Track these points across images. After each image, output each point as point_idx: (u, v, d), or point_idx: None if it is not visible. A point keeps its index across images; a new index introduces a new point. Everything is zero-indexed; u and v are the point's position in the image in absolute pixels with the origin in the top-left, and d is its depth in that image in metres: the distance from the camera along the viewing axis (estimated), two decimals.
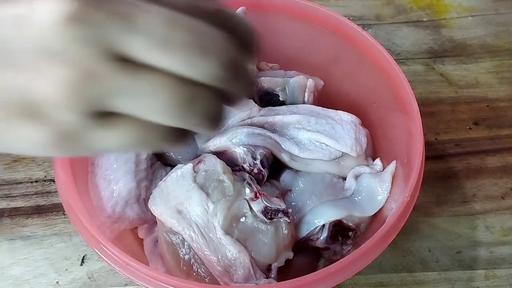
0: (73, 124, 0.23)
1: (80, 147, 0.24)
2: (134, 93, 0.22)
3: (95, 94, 0.22)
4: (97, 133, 0.23)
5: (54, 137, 0.23)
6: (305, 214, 0.46)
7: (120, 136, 0.24)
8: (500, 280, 0.52)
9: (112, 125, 0.23)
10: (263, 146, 0.47)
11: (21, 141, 0.24)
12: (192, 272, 0.43)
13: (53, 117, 0.23)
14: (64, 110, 0.23)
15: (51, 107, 0.23)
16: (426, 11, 0.74)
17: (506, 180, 0.59)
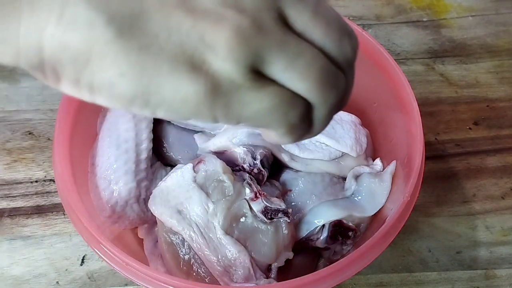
0: (231, 78, 0.23)
1: (228, 107, 0.24)
2: (294, 55, 0.24)
3: (260, 47, 0.23)
4: (247, 94, 0.24)
5: (209, 91, 0.23)
6: (305, 214, 0.46)
7: (265, 101, 0.24)
8: (500, 280, 0.52)
9: (261, 88, 0.24)
10: (263, 146, 0.47)
11: (174, 92, 0.23)
12: (192, 272, 0.43)
13: (215, 68, 0.23)
14: (229, 59, 0.23)
15: (218, 56, 0.23)
16: (426, 11, 0.74)
17: (506, 180, 0.59)
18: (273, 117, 0.25)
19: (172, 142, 0.50)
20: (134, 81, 0.23)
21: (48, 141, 0.60)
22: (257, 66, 0.24)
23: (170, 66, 0.23)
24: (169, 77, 0.23)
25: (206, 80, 0.23)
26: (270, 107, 0.24)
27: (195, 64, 0.23)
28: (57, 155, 0.44)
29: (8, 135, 0.61)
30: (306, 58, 0.24)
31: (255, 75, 0.24)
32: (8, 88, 0.64)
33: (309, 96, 0.25)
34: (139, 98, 0.24)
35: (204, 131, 0.50)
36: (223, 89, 0.23)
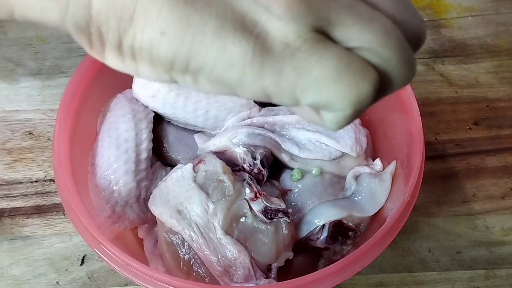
0: (287, 40, 0.20)
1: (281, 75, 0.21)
2: (368, 19, 0.21)
3: (326, 7, 0.21)
4: (305, 58, 0.20)
5: (257, 54, 0.20)
6: (305, 214, 0.46)
7: (329, 67, 0.20)
8: (500, 280, 0.52)
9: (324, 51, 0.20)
10: (263, 146, 0.47)
11: (218, 52, 0.21)
12: (192, 272, 0.43)
13: (269, 28, 0.20)
14: (287, 19, 0.20)
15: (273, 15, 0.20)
16: (426, 11, 0.74)
17: (506, 180, 0.59)
18: (338, 88, 0.21)
19: (172, 142, 0.50)
20: (176, 40, 0.21)
21: (48, 141, 0.60)
22: (322, 27, 0.21)
23: (216, 25, 0.21)
24: (214, 37, 0.21)
25: (255, 43, 0.20)
26: (336, 72, 0.20)
27: (245, 24, 0.21)
28: (57, 155, 0.44)
29: (8, 135, 0.61)
30: (383, 25, 0.21)
31: (318, 36, 0.21)
32: (8, 88, 0.64)
33: (387, 65, 0.21)
34: (180, 60, 0.21)
35: (204, 131, 0.50)
36: (276, 54, 0.21)
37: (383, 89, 0.22)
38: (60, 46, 0.68)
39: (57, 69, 0.66)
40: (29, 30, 0.69)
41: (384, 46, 0.21)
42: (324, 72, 0.20)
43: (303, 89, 0.21)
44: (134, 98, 0.49)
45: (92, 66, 0.49)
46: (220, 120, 0.49)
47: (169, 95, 0.47)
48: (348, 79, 0.21)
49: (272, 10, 0.20)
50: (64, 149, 0.45)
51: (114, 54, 0.23)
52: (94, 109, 0.50)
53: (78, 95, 0.48)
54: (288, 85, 0.21)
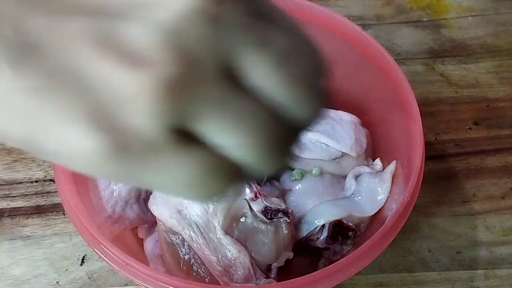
0: (148, 137, 0.19)
1: (140, 172, 0.19)
2: (235, 117, 0.19)
3: (192, 104, 0.18)
4: (162, 158, 0.19)
5: (109, 149, 0.19)
6: (305, 214, 0.46)
7: (191, 165, 0.19)
8: (500, 280, 0.52)
9: (186, 153, 0.19)
10: None
11: (68, 146, 0.19)
12: (192, 272, 0.43)
13: (129, 123, 0.18)
14: (149, 114, 0.18)
15: (135, 110, 0.18)
16: (426, 11, 0.74)
17: (506, 180, 0.59)
18: (197, 187, 0.20)
19: None
20: (22, 127, 0.19)
21: None
22: (184, 125, 0.19)
23: (67, 116, 0.18)
24: (64, 129, 0.19)
25: (112, 139, 0.18)
26: (195, 176, 0.20)
27: (101, 118, 0.18)
28: None
29: None
30: (252, 122, 0.19)
31: (178, 136, 0.19)
32: None
33: (248, 163, 0.20)
34: (27, 146, 0.20)
35: None
36: (135, 151, 0.19)
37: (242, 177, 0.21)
38: None
39: None
40: None
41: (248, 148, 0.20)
42: (186, 174, 0.19)
43: (163, 187, 0.20)
44: None
45: None
46: None
47: None
48: (208, 180, 0.20)
49: (134, 104, 0.18)
50: None
51: None
52: None
53: None
54: (147, 181, 0.20)
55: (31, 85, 0.18)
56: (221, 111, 0.19)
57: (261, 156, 0.20)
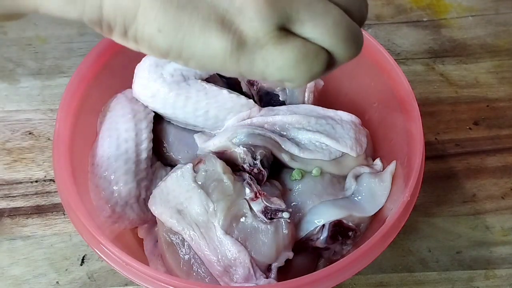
0: (257, 36, 0.26)
1: (253, 64, 0.27)
2: (321, 14, 0.26)
3: (288, 8, 0.26)
4: (271, 51, 0.26)
5: (235, 49, 0.26)
6: (305, 214, 0.46)
7: (290, 55, 0.27)
8: (500, 280, 0.52)
9: (286, 43, 0.26)
10: (263, 146, 0.47)
11: (204, 48, 0.27)
12: (192, 272, 0.43)
13: (243, 27, 0.26)
14: (256, 20, 0.26)
15: (246, 17, 0.26)
16: (426, 11, 0.74)
17: (506, 180, 0.59)
18: (298, 70, 0.27)
19: (172, 142, 0.50)
20: (170, 36, 0.27)
21: (48, 141, 0.60)
22: (285, 24, 0.26)
23: (202, 25, 0.26)
24: (200, 35, 0.26)
25: (233, 39, 0.26)
26: (294, 61, 0.27)
27: (225, 24, 0.26)
28: (57, 155, 0.44)
29: (8, 135, 0.61)
30: (333, 17, 0.27)
31: (281, 32, 0.26)
32: (8, 88, 0.64)
33: (335, 49, 0.28)
34: (173, 51, 0.27)
35: (204, 131, 0.50)
36: (248, 47, 0.26)
37: (332, 64, 0.29)
38: (60, 46, 0.68)
39: (57, 69, 0.66)
40: (29, 30, 0.69)
41: (333, 36, 0.27)
42: (285, 62, 0.27)
43: (270, 74, 0.27)
44: (134, 98, 0.49)
45: (92, 66, 0.49)
46: (220, 120, 0.49)
47: (169, 95, 0.47)
48: (304, 66, 0.27)
49: (245, 13, 0.26)
50: (64, 149, 0.45)
51: (119, 38, 0.29)
52: (94, 109, 0.50)
53: (78, 95, 0.48)
54: (259, 71, 0.27)
55: (175, 4, 0.26)
56: (311, 10, 0.26)
57: (342, 41, 0.27)
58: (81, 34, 0.69)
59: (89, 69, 0.49)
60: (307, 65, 0.27)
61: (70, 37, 0.69)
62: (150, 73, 0.47)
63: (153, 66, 0.47)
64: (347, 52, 0.28)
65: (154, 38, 0.27)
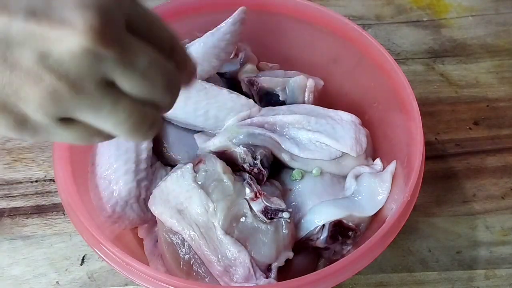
0: (40, 123, 0.27)
1: (37, 137, 0.28)
2: (107, 115, 0.27)
3: (72, 108, 0.26)
4: (55, 131, 0.27)
5: (17, 126, 0.27)
6: (305, 214, 0.46)
7: (72, 135, 0.28)
8: (500, 280, 0.52)
9: (69, 127, 0.27)
10: (263, 146, 0.47)
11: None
12: (192, 272, 0.43)
13: (26, 112, 0.26)
14: (39, 113, 0.26)
15: (29, 108, 0.26)
16: (426, 11, 0.74)
17: (506, 180, 0.59)
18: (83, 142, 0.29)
19: (172, 142, 0.50)
20: None
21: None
22: (67, 116, 0.27)
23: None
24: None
25: (15, 118, 0.26)
26: (72, 139, 0.28)
27: (7, 107, 0.26)
28: (57, 155, 0.44)
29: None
30: (120, 117, 0.27)
31: (63, 121, 0.27)
32: None
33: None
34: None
35: (204, 131, 0.50)
36: (31, 125, 0.27)
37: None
38: None
39: None
40: None
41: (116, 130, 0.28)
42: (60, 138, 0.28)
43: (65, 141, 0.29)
44: None
45: None
46: (220, 120, 0.49)
47: None
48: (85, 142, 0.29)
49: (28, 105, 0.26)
50: (64, 149, 0.45)
51: None
52: None
53: None
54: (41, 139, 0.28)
55: None
56: (96, 111, 0.27)
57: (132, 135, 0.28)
58: None
59: None
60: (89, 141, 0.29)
61: None
62: None
63: None
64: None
65: None
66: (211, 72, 0.49)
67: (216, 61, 0.49)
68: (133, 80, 0.27)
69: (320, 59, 0.56)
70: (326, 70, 0.56)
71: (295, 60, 0.56)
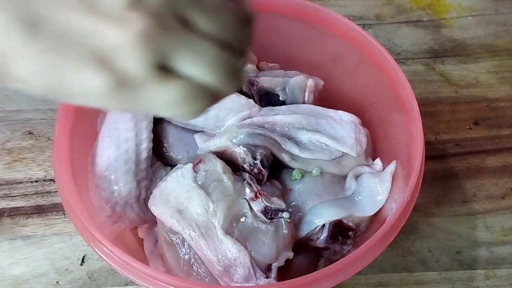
0: (137, 74, 0.26)
1: (137, 101, 0.27)
2: (198, 52, 0.26)
3: (165, 47, 0.25)
4: (154, 88, 0.26)
5: (113, 85, 0.26)
6: (305, 214, 0.46)
7: (173, 94, 0.27)
8: (500, 280, 0.52)
9: (167, 82, 0.26)
10: (263, 146, 0.47)
11: (82, 87, 0.26)
12: (192, 272, 0.43)
13: (119, 64, 0.25)
14: (133, 59, 0.25)
15: (121, 54, 0.25)
16: (426, 11, 0.74)
17: (506, 180, 0.59)
18: (182, 108, 0.27)
19: (172, 142, 0.50)
20: (46, 78, 0.26)
21: (48, 141, 0.60)
22: (163, 63, 0.26)
23: (77, 65, 0.25)
24: (77, 75, 0.26)
25: (112, 77, 0.25)
26: (177, 100, 0.27)
27: (102, 63, 0.25)
28: (57, 155, 0.44)
29: (8, 135, 0.61)
30: (210, 54, 0.27)
31: (161, 71, 0.26)
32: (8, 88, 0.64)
33: (216, 86, 0.27)
34: (52, 92, 0.27)
35: (204, 131, 0.50)
36: (130, 85, 0.26)
37: (216, 97, 0.28)
38: None
39: None
40: None
41: (212, 74, 0.27)
42: (168, 100, 0.27)
43: (155, 111, 0.27)
44: None
45: None
46: (220, 120, 0.49)
47: None
48: (187, 104, 0.27)
49: (120, 53, 0.25)
50: (64, 149, 0.45)
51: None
52: (94, 109, 0.50)
53: None
54: (144, 108, 0.27)
55: (47, 46, 0.25)
56: (189, 48, 0.26)
57: (222, 78, 0.27)
58: None
59: None
60: (190, 104, 0.27)
61: None
62: None
63: None
64: (227, 88, 0.28)
65: (31, 81, 0.27)
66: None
67: None
68: (207, 15, 0.27)
69: (320, 59, 0.56)
70: (326, 70, 0.56)
71: (295, 60, 0.56)
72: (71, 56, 0.25)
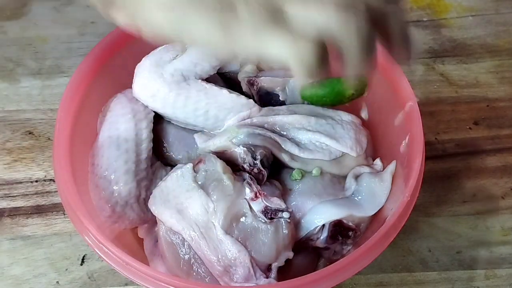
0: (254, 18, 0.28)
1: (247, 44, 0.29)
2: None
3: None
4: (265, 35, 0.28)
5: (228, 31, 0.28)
6: (305, 214, 0.46)
7: (282, 46, 0.28)
8: (500, 280, 0.52)
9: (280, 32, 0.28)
10: (263, 146, 0.47)
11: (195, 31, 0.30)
12: (192, 272, 0.43)
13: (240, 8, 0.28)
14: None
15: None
16: (426, 11, 0.74)
17: (506, 180, 0.59)
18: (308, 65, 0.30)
19: (172, 142, 0.50)
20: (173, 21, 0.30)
21: (48, 141, 0.60)
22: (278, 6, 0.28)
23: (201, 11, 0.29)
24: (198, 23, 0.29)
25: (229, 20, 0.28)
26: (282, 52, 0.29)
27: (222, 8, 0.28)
28: (57, 155, 0.44)
29: (8, 135, 0.61)
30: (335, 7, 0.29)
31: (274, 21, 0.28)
32: (8, 88, 0.64)
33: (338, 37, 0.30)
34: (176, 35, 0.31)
35: (204, 131, 0.50)
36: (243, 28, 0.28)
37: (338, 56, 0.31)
38: (60, 46, 0.68)
39: (57, 69, 0.66)
40: (29, 30, 0.69)
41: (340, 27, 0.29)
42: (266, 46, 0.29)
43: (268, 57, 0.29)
44: (134, 97, 0.49)
45: (92, 66, 0.49)
46: (220, 120, 0.49)
47: (169, 95, 0.47)
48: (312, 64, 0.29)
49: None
50: (64, 149, 0.45)
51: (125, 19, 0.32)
52: (94, 109, 0.50)
53: (78, 95, 0.48)
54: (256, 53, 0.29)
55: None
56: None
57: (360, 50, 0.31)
58: (81, 34, 0.69)
59: (89, 69, 0.49)
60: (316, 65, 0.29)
61: (70, 37, 0.69)
62: (150, 73, 0.47)
63: (153, 66, 0.47)
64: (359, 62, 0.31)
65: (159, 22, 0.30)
66: (211, 72, 0.49)
67: (216, 61, 0.49)
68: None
69: None
70: None
71: None
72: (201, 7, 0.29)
